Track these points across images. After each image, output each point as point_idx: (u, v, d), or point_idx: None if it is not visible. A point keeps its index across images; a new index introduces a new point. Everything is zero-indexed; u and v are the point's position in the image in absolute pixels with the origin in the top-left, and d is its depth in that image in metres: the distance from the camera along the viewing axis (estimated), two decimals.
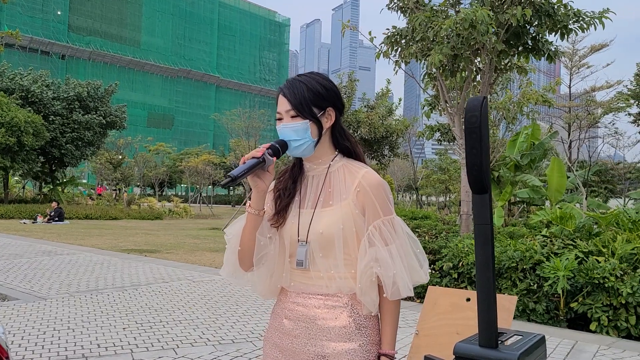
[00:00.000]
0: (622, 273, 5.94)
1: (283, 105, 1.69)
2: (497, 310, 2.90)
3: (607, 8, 8.35)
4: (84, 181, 56.51)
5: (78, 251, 11.93)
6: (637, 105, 24.06)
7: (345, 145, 1.77)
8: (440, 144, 14.91)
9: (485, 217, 2.51)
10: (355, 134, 21.05)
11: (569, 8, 8.20)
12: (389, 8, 9.11)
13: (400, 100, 23.20)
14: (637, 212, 7.42)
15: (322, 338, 1.66)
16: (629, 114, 25.39)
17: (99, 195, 42.66)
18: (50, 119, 29.66)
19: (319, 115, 1.69)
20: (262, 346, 4.96)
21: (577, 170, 18.76)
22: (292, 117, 1.67)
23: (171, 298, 7.04)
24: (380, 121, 20.98)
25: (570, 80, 23.03)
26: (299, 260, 1.70)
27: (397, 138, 21.58)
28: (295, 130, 1.66)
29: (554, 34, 8.43)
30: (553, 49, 8.46)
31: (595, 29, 8.29)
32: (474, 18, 6.35)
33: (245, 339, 5.24)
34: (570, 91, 23.62)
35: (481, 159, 2.45)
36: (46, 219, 22.01)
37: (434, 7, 8.15)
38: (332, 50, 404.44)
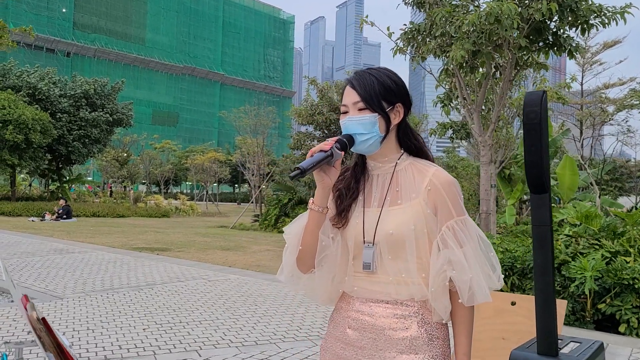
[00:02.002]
0: None
1: (351, 96, 1.59)
2: (560, 316, 2.74)
3: (630, 3, 8.20)
4: (90, 179, 56.58)
5: (90, 249, 11.85)
6: None
7: (413, 143, 1.66)
8: (453, 141, 14.73)
9: (544, 219, 2.36)
10: None
11: (591, 3, 8.04)
12: (405, 3, 8.97)
13: None
14: None
15: (391, 350, 1.54)
16: None
17: (110, 191, 42.61)
18: (58, 116, 29.63)
19: (387, 110, 1.58)
20: (287, 348, 4.87)
21: (589, 168, 18.59)
22: (360, 109, 1.57)
23: (188, 298, 6.94)
24: None
25: (583, 77, 22.84)
26: (366, 263, 1.58)
27: None
28: (362, 124, 1.56)
29: (574, 29, 8.28)
30: (574, 45, 8.30)
31: (617, 24, 8.13)
32: (500, 12, 6.21)
33: (268, 340, 5.12)
34: (582, 88, 23.43)
35: (541, 157, 2.31)
36: (54, 217, 21.99)
37: (454, 2, 8.01)
38: (337, 48, 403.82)
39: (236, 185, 73.03)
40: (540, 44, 8.24)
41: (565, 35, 8.11)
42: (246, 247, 13.72)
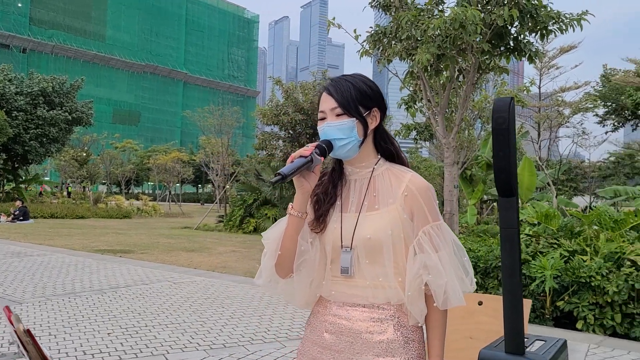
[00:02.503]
0: (607, 272, 6.03)
1: (328, 103, 1.61)
2: (524, 316, 2.84)
3: (586, 10, 8.49)
4: (47, 179, 54.95)
5: (49, 252, 11.53)
6: (603, 106, 24.79)
7: (389, 148, 1.69)
8: (417, 142, 14.97)
9: (512, 221, 2.45)
10: None
11: (550, 10, 8.30)
12: (371, 6, 9.06)
13: None
14: (618, 211, 7.55)
15: (368, 353, 1.57)
16: (597, 115, 26.12)
17: (68, 192, 41.45)
18: (14, 114, 28.70)
19: (364, 114, 1.61)
20: (255, 350, 4.86)
21: (546, 169, 19.16)
22: (338, 115, 1.60)
23: (154, 300, 6.84)
24: None
25: (540, 81, 23.58)
26: (344, 268, 1.61)
27: None
28: (340, 129, 1.58)
29: (534, 34, 8.54)
30: (534, 50, 8.55)
31: (574, 30, 8.41)
32: (465, 18, 6.35)
33: (236, 343, 5.11)
34: (540, 91, 24.16)
35: (509, 162, 2.39)
36: (10, 218, 21.27)
37: (419, 6, 8.14)
38: (301, 48, 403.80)
39: (199, 185, 72.18)
40: (502, 48, 8.46)
41: (525, 41, 8.35)
42: (211, 248, 13.60)
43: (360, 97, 1.61)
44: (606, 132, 27.93)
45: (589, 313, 5.99)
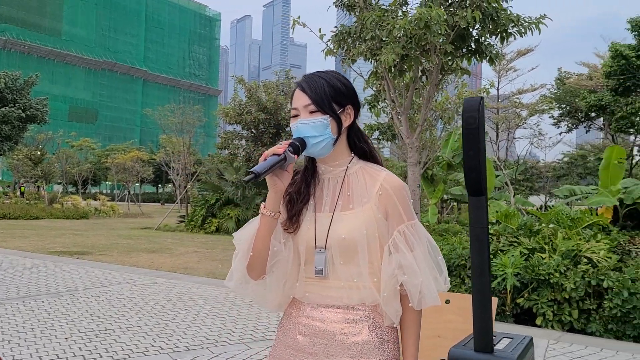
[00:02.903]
0: (565, 269, 6.20)
1: (301, 100, 1.58)
2: (492, 314, 2.87)
3: (544, 14, 8.72)
4: None
5: (1, 254, 11.09)
6: (558, 108, 25.57)
7: (363, 146, 1.67)
8: (380, 142, 15.10)
9: (481, 220, 2.47)
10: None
11: (510, 13, 8.48)
12: (336, 5, 9.07)
13: None
14: (575, 210, 7.78)
15: (343, 355, 1.54)
16: (552, 117, 26.93)
17: (21, 192, 40.01)
18: None
19: (338, 111, 1.58)
20: (220, 353, 4.78)
21: (504, 169, 19.63)
22: (311, 112, 1.56)
23: (114, 303, 6.66)
24: None
25: (499, 83, 24.14)
26: (318, 269, 1.57)
27: None
28: (314, 126, 1.55)
29: (494, 37, 8.71)
30: (494, 52, 8.72)
31: (532, 34, 8.62)
32: (430, 18, 6.42)
33: (200, 345, 5.01)
34: (498, 93, 24.73)
35: (479, 161, 2.41)
36: None
37: (383, 7, 8.19)
38: (263, 47, 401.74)
39: (159, 185, 70.93)
40: (464, 50, 8.59)
41: (486, 43, 8.50)
42: (172, 249, 13.36)
43: (334, 94, 1.58)
44: (560, 134, 28.86)
45: (548, 309, 6.14)
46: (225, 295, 7.24)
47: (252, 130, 20.90)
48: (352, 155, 1.66)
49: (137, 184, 53.90)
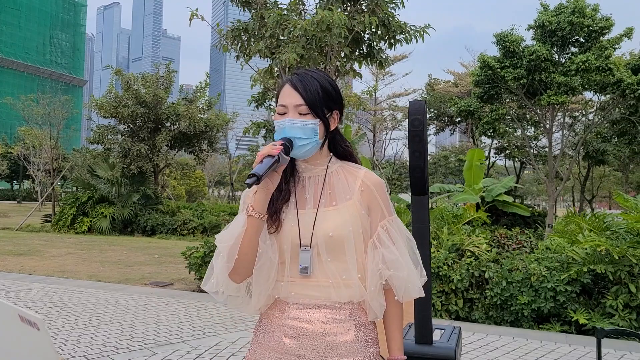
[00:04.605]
0: (452, 262, 6.70)
1: (293, 98, 1.55)
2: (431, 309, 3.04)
3: (428, 24, 9.31)
4: None
5: None
6: (428, 112, 27.36)
7: (343, 148, 1.68)
8: (266, 140, 15.04)
9: (424, 219, 2.62)
10: (174, 127, 20.25)
11: (397, 20, 8.94)
12: (232, 1, 8.94)
13: (219, 95, 22.90)
14: (458, 207, 8.41)
15: (332, 355, 1.53)
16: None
17: None
18: None
19: (327, 116, 1.59)
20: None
21: (380, 168, 20.63)
22: (302, 114, 1.55)
23: None
24: (200, 115, 20.51)
25: (377, 86, 25.30)
26: (303, 267, 1.55)
27: (217, 133, 21.31)
28: (303, 128, 1.54)
29: (383, 42, 9.13)
30: (384, 57, 9.14)
31: (417, 41, 9.17)
32: (331, 21, 6.57)
33: (99, 354, 4.69)
34: (375, 96, 25.93)
35: (423, 162, 2.55)
36: None
37: (281, 6, 8.22)
38: (133, 37, 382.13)
39: (15, 181, 64.59)
40: (357, 53, 8.91)
41: (377, 48, 8.88)
42: (43, 251, 12.29)
43: (326, 98, 1.57)
44: (429, 135, 30.93)
45: (437, 300, 6.60)
46: (116, 299, 6.83)
47: (130, 124, 19.83)
48: (331, 154, 1.67)
49: None
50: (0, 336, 1.07)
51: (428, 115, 28.48)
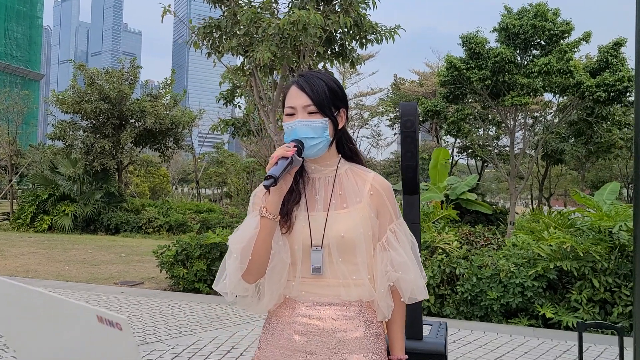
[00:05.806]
0: (424, 259, 6.84)
1: (300, 99, 1.59)
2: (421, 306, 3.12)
3: (399, 25, 9.44)
4: None
5: None
6: (394, 111, 27.72)
7: (349, 147, 1.74)
8: (234, 137, 14.97)
9: (415, 217, 2.69)
10: (139, 124, 19.90)
11: (369, 20, 9.05)
12: None
13: (185, 92, 22.61)
14: (429, 206, 8.57)
15: (343, 351, 1.58)
16: (389, 119, 29.15)
17: None
18: None
19: (335, 114, 1.64)
20: None
21: None
22: (311, 113, 1.59)
23: None
24: (166, 112, 20.22)
25: (344, 85, 25.42)
26: (315, 267, 1.59)
27: (183, 130, 21.05)
28: (313, 128, 1.58)
29: (355, 42, 9.23)
30: (356, 56, 9.24)
31: (387, 42, 9.31)
32: (307, 21, 6.60)
33: None
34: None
35: (415, 162, 2.62)
36: None
37: (255, 3, 8.21)
38: (92, 31, 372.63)
39: None
40: (329, 52, 8.97)
41: (350, 47, 8.97)
42: (3, 250, 11.92)
43: (333, 97, 1.62)
44: (395, 134, 31.36)
45: None
46: (85, 299, 6.71)
47: (93, 120, 19.40)
48: (339, 155, 1.72)
49: None
50: (75, 338, 1.08)
51: (392, 115, 28.86)
